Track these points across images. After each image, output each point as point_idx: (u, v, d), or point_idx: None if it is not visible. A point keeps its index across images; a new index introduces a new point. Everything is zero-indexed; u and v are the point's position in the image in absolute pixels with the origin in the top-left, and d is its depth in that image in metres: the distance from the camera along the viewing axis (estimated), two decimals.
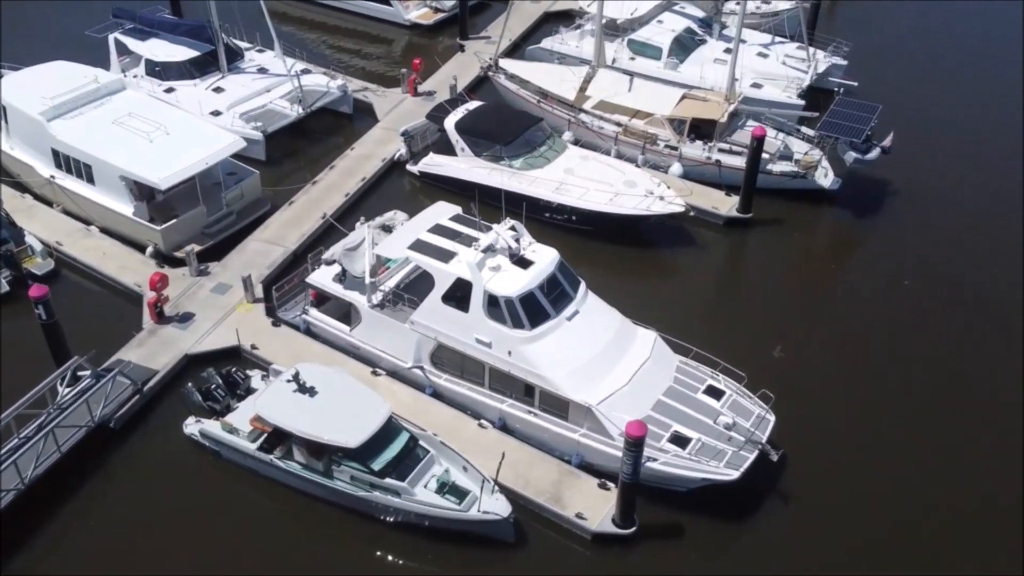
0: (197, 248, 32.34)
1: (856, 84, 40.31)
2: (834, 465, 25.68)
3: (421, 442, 24.64)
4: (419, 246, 26.86)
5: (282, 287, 30.29)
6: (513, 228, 26.64)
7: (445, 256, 26.34)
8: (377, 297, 27.60)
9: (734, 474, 23.51)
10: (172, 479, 25.49)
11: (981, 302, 31.44)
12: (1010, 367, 28.84)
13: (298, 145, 39.48)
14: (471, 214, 27.65)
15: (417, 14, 49.62)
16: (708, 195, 35.63)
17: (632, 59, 41.78)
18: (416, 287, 27.58)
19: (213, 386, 26.65)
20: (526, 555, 23.56)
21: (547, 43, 44.47)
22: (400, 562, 23.55)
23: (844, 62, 42.16)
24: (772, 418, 24.98)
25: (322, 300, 29.51)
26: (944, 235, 34.64)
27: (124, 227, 33.19)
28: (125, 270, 32.05)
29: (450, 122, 36.03)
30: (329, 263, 28.67)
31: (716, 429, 24.49)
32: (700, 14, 43.59)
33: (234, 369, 27.32)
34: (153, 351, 28.74)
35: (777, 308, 31.46)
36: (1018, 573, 23.16)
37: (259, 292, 30.76)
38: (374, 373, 27.80)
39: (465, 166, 35.69)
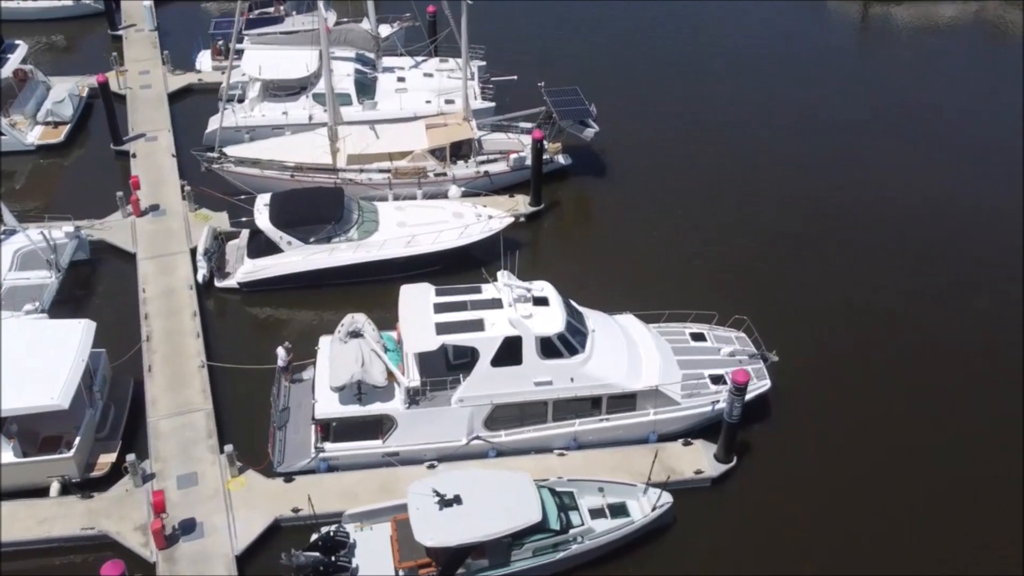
0: (110, 456, 27.59)
1: (516, 77, 46.60)
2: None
3: (558, 488, 26.29)
4: (445, 329, 27.26)
5: (268, 441, 27.80)
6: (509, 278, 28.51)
7: (476, 326, 27.31)
8: (406, 397, 27.39)
9: (768, 383, 29.73)
10: None
11: (736, 200, 41.41)
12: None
13: (67, 314, 33.56)
14: (483, 279, 28.88)
15: (38, 135, 43.23)
16: (496, 202, 39.68)
17: (326, 111, 42.73)
18: (434, 369, 27.97)
19: (333, 558, 24.41)
20: (683, 525, 27.10)
21: (218, 122, 42.68)
22: None
23: (484, 62, 48.24)
24: (746, 336, 31.48)
25: (326, 433, 27.91)
26: (662, 169, 43.50)
27: (9, 477, 26.44)
28: (50, 522, 26.13)
29: (264, 222, 34.41)
30: (339, 389, 27.18)
31: (727, 360, 30.24)
32: (352, 54, 45.73)
33: (331, 532, 25.11)
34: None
35: (638, 256, 37.63)
36: None
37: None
38: (430, 467, 27.73)
39: (299, 257, 34.61)
